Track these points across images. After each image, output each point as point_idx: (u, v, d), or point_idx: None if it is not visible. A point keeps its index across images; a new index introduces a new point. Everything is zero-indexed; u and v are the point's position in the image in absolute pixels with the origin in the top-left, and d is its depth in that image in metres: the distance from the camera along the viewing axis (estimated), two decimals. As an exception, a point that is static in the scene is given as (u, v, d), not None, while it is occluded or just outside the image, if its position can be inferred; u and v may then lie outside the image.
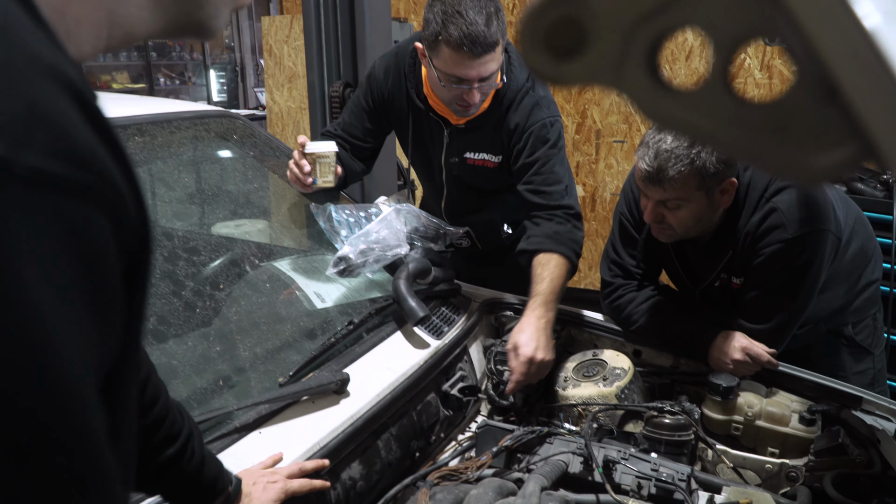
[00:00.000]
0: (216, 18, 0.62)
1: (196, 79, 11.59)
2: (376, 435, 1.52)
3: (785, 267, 1.77)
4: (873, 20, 0.26)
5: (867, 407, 1.78)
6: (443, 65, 1.91)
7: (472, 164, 2.22)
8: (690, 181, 1.70)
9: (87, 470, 0.44)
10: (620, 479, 1.54)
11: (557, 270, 1.97)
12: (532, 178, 2.10)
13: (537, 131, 2.08)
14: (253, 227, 2.04)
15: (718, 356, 1.84)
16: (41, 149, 0.39)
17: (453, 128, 2.16)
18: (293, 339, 1.65)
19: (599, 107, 4.42)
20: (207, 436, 1.29)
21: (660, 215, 1.80)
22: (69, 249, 0.41)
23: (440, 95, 2.05)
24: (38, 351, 0.40)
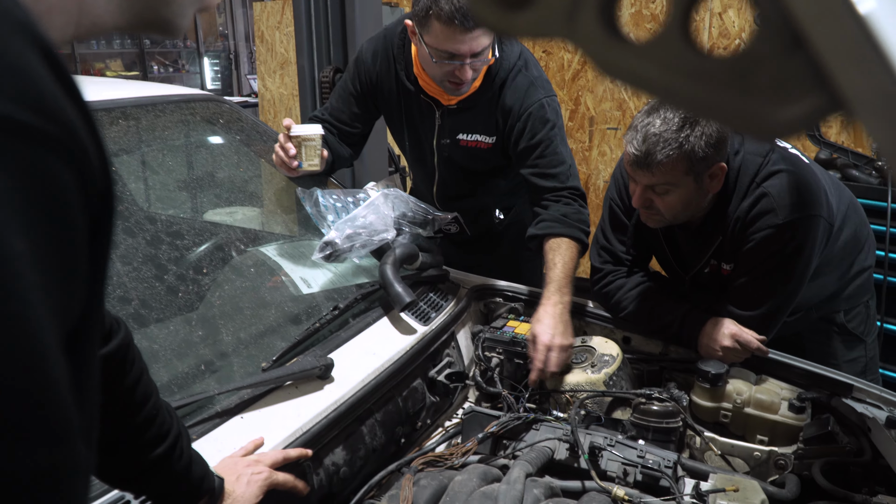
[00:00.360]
0: (181, 17, 0.64)
1: (190, 66, 11.53)
2: (360, 420, 1.50)
3: (775, 253, 1.75)
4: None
5: (858, 395, 1.77)
6: (434, 40, 1.89)
7: (465, 146, 2.19)
8: (679, 166, 1.68)
9: (49, 420, 0.43)
10: (606, 465, 1.53)
11: (569, 253, 1.99)
12: (536, 161, 2.09)
13: (536, 112, 2.06)
14: (246, 215, 2.01)
15: (708, 343, 1.83)
16: (9, 97, 0.39)
17: (445, 109, 2.14)
18: (278, 324, 1.63)
19: (593, 94, 4.40)
20: (188, 420, 1.27)
21: (648, 200, 1.78)
22: (36, 199, 0.41)
23: (431, 74, 2.02)
24: (1, 294, 0.39)
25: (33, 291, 0.41)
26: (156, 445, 0.99)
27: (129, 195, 1.64)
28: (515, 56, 2.08)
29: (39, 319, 0.41)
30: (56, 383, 0.43)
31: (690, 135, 1.65)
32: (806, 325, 2.11)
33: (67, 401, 0.44)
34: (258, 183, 2.06)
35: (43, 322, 0.41)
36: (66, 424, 0.44)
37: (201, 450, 1.15)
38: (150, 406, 0.97)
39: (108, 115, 1.74)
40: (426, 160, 2.32)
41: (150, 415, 0.97)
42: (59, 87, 0.43)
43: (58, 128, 0.42)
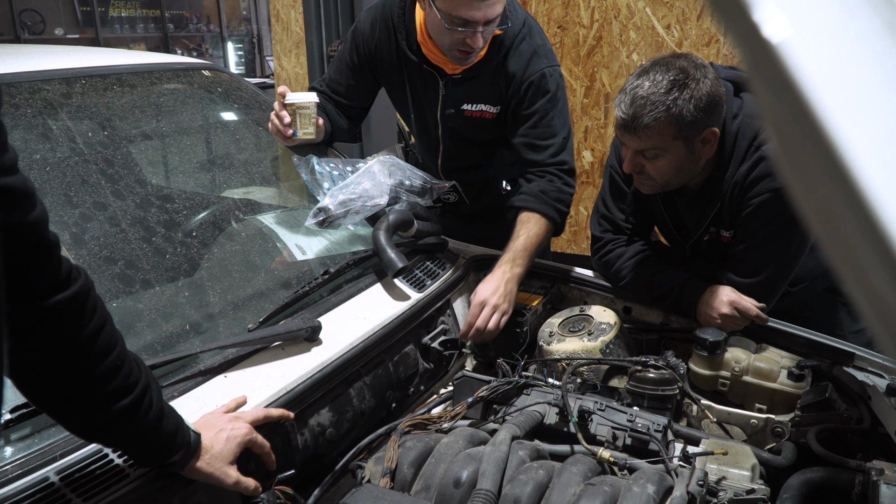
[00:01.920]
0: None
1: (213, 51, 11.61)
2: (348, 383, 1.51)
3: (774, 218, 1.72)
4: None
5: (860, 363, 1.74)
6: (448, 6, 1.86)
7: (469, 116, 2.17)
8: (667, 130, 1.65)
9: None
10: (596, 430, 1.52)
11: (535, 228, 1.98)
12: (528, 130, 2.06)
13: (537, 81, 2.04)
14: (253, 193, 2.01)
15: (706, 311, 1.80)
16: None
17: (449, 78, 2.11)
18: (268, 288, 1.63)
19: (608, 70, 4.33)
20: (170, 378, 1.28)
21: (639, 165, 1.75)
22: None
23: (440, 41, 2.00)
24: None
25: None
26: (121, 397, 0.98)
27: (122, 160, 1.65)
28: (520, 23, 2.05)
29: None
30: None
31: (679, 98, 1.62)
32: (811, 295, 2.06)
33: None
34: (255, 153, 2.06)
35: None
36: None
37: (183, 407, 1.16)
38: (114, 357, 0.97)
39: (104, 82, 1.75)
40: (430, 132, 2.29)
41: (114, 366, 0.97)
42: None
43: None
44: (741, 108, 1.76)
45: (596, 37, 4.35)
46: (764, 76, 0.32)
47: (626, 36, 4.23)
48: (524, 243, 1.95)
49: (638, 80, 1.66)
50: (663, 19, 4.10)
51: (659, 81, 1.63)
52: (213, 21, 11.62)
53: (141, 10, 10.34)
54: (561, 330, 1.90)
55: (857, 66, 0.31)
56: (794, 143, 0.32)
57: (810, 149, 0.31)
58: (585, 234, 4.69)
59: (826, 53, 0.31)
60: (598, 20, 4.31)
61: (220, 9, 11.45)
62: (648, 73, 1.66)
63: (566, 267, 2.13)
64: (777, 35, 0.31)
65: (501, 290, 1.85)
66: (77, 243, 1.39)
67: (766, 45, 0.31)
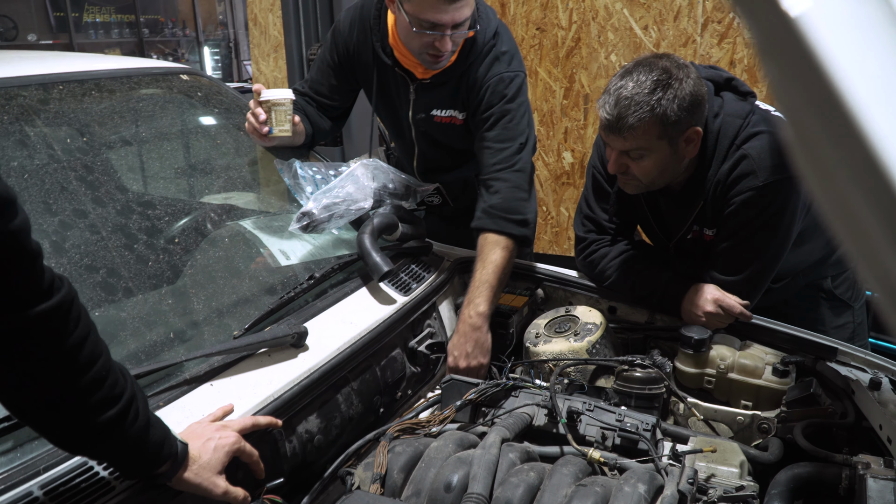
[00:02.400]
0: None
1: (189, 55, 11.51)
2: (336, 389, 1.49)
3: (756, 215, 1.73)
4: None
5: (842, 358, 1.75)
6: (416, 9, 1.84)
7: (439, 122, 2.15)
8: (651, 130, 1.66)
9: None
10: (585, 430, 1.52)
11: (493, 254, 1.92)
12: (484, 133, 2.03)
13: (494, 85, 2.01)
14: (235, 198, 1.99)
15: (691, 309, 1.81)
16: None
17: (419, 83, 2.10)
18: (253, 294, 1.62)
19: (587, 71, 4.35)
20: (156, 387, 1.26)
21: (624, 166, 1.76)
22: None
23: (409, 45, 1.98)
24: None
25: None
26: (106, 408, 0.97)
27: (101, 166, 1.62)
28: (491, 32, 2.04)
29: None
30: None
31: (662, 98, 1.63)
32: (793, 291, 2.08)
33: None
34: (237, 157, 2.04)
35: None
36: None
37: (169, 417, 1.14)
38: (99, 367, 0.95)
39: (82, 87, 1.73)
40: (405, 134, 2.28)
41: (99, 376, 0.95)
42: None
43: None
44: (722, 107, 1.77)
45: (574, 38, 4.37)
46: (780, 52, 0.31)
47: (605, 37, 4.26)
48: (482, 276, 1.89)
49: (621, 80, 1.67)
50: (641, 20, 4.13)
51: (643, 82, 1.64)
52: (189, 25, 11.53)
53: (116, 15, 10.23)
54: (547, 331, 1.90)
55: (879, 41, 0.30)
56: (810, 123, 0.31)
57: (829, 128, 0.30)
58: (567, 234, 4.71)
59: (849, 27, 0.30)
60: (576, 22, 4.33)
61: (195, 13, 11.37)
62: (632, 73, 1.67)
63: (550, 268, 2.13)
64: (796, 7, 0.30)
65: (469, 348, 1.83)
66: (57, 252, 1.36)
67: (784, 18, 0.30)
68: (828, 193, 0.33)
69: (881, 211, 0.29)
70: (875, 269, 0.32)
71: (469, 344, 1.84)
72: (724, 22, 3.92)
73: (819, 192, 0.33)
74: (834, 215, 0.33)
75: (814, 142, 0.31)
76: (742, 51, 3.91)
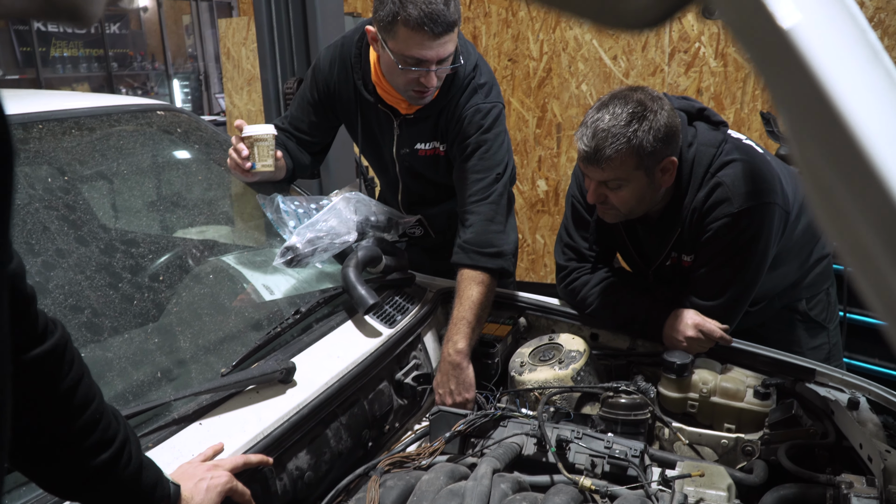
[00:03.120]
0: (92, 5, 0.62)
1: (159, 88, 11.49)
2: (325, 424, 1.49)
3: (732, 241, 1.77)
4: None
5: (821, 379, 1.79)
6: (401, 46, 1.85)
7: (423, 156, 2.17)
8: (628, 160, 1.70)
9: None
10: (574, 458, 1.53)
11: (470, 290, 1.94)
12: (462, 164, 2.05)
13: (471, 116, 2.03)
14: (217, 234, 1.98)
15: (672, 334, 1.84)
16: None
17: (403, 118, 2.12)
18: (238, 331, 1.61)
19: (559, 100, 4.43)
20: (144, 428, 1.25)
21: (602, 196, 1.80)
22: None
23: (394, 82, 1.99)
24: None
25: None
26: (100, 452, 0.96)
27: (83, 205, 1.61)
28: (471, 66, 2.07)
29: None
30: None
31: (638, 129, 1.68)
32: (769, 314, 2.13)
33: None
34: (219, 192, 2.04)
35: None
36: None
37: (158, 457, 1.13)
38: (92, 410, 0.94)
39: (61, 126, 1.72)
40: (388, 169, 2.30)
41: (92, 419, 0.94)
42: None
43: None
44: (695, 136, 1.82)
45: (546, 69, 4.45)
46: (776, 65, 0.32)
47: (575, 67, 4.34)
48: (460, 313, 1.91)
49: (598, 113, 1.71)
50: (610, 50, 4.23)
51: (619, 114, 1.68)
52: (159, 59, 11.51)
53: (84, 50, 10.18)
54: (532, 359, 1.91)
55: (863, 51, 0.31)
56: (812, 129, 0.32)
57: (827, 133, 0.31)
58: (543, 261, 4.75)
59: (836, 37, 0.31)
60: (547, 52, 4.41)
61: (164, 46, 11.36)
62: (608, 106, 1.71)
63: (532, 296, 2.15)
64: (788, 20, 0.31)
65: (453, 385, 1.86)
66: (41, 292, 1.35)
67: (779, 31, 0.31)
68: (827, 202, 0.34)
69: (877, 216, 0.31)
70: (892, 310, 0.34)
71: (452, 382, 1.86)
72: (690, 52, 4.02)
73: (816, 198, 0.34)
74: (854, 265, 0.34)
75: (813, 143, 0.32)
76: (709, 79, 4.01)
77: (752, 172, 1.77)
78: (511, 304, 2.14)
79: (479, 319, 1.94)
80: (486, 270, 1.97)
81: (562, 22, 4.32)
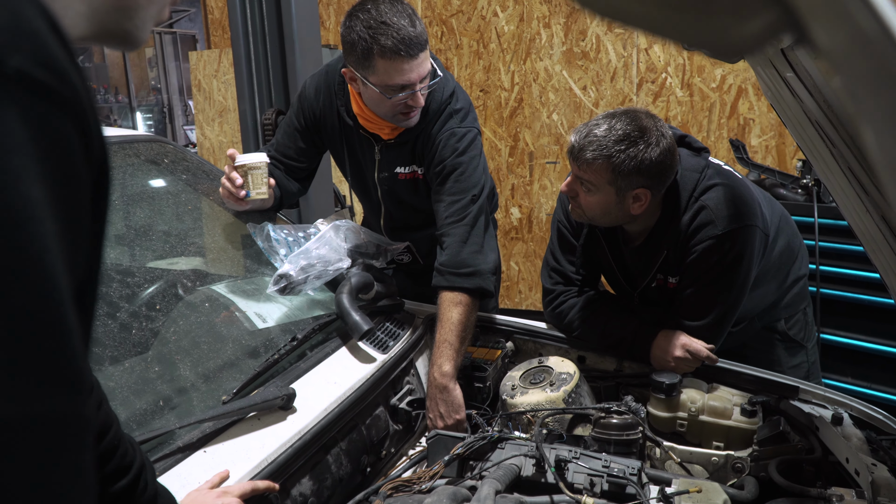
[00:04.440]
0: (142, 30, 0.67)
1: (122, 121, 11.40)
2: (326, 450, 1.49)
3: (717, 262, 1.83)
4: None
5: (804, 396, 1.84)
6: (383, 78, 1.89)
7: (403, 179, 2.21)
8: (602, 173, 1.77)
9: (67, 367, 0.43)
10: (573, 478, 1.54)
11: (451, 311, 1.95)
12: (437, 187, 2.09)
13: (445, 140, 2.07)
14: (188, 265, 1.97)
15: (660, 355, 1.88)
16: (28, 56, 0.41)
17: (384, 143, 2.16)
18: (235, 358, 1.61)
19: (531, 129, 4.52)
20: (150, 456, 1.23)
21: (574, 191, 1.87)
22: (49, 151, 0.43)
23: (381, 112, 2.03)
24: (25, 240, 0.40)
25: (50, 238, 0.41)
26: (118, 479, 0.95)
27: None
28: (448, 92, 2.12)
29: (57, 266, 0.42)
30: (71, 332, 0.43)
31: (623, 152, 1.73)
32: (750, 334, 2.18)
33: (81, 353, 0.44)
34: (206, 222, 2.04)
35: (59, 269, 0.42)
36: (81, 376, 0.44)
37: (166, 486, 1.12)
38: (111, 437, 0.94)
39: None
40: (371, 194, 2.33)
41: (111, 446, 0.94)
42: (65, 55, 0.45)
43: (67, 90, 0.44)
44: (679, 162, 1.88)
45: (517, 99, 4.54)
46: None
47: (546, 97, 4.44)
48: (442, 336, 1.93)
49: (602, 120, 1.78)
50: (579, 81, 4.33)
51: (616, 130, 1.74)
52: (122, 91, 11.44)
53: (46, 83, 10.06)
54: (523, 382, 1.94)
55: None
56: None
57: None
58: (518, 288, 4.79)
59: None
60: (518, 83, 4.51)
61: (128, 79, 11.30)
62: (614, 118, 1.77)
63: (519, 320, 2.18)
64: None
65: (443, 409, 1.87)
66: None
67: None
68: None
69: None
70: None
71: (441, 406, 1.87)
72: (657, 82, 4.14)
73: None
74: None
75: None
76: (675, 108, 4.13)
77: (733, 196, 1.83)
78: (498, 328, 2.17)
79: (463, 340, 1.94)
80: (465, 291, 1.98)
81: (532, 53, 4.42)
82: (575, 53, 4.28)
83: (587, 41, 4.23)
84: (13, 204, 0.39)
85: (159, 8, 0.67)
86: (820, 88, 1.27)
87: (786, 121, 1.64)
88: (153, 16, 0.68)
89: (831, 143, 1.36)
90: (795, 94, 1.39)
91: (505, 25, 4.47)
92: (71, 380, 0.43)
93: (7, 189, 0.39)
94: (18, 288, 0.40)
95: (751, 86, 3.89)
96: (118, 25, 0.64)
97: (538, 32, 4.37)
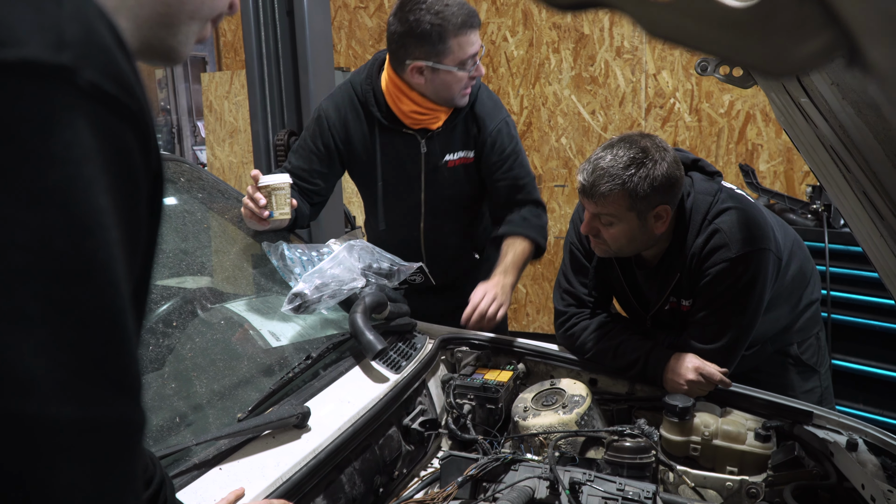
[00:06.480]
0: (185, 45, 0.70)
1: (132, 142, 11.47)
2: (339, 469, 1.48)
3: (731, 285, 1.83)
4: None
5: (818, 421, 1.83)
6: (458, 54, 2.03)
7: (452, 167, 2.30)
8: (621, 201, 1.78)
9: (127, 372, 0.44)
10: (587, 501, 1.53)
11: (520, 248, 2.21)
12: (505, 175, 2.28)
13: (504, 129, 2.26)
14: (195, 284, 1.98)
15: (673, 378, 1.88)
16: (99, 69, 0.43)
17: (430, 135, 2.24)
18: (250, 376, 1.61)
19: (539, 153, 4.54)
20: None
21: (595, 229, 1.87)
22: (115, 163, 0.44)
23: (452, 93, 2.14)
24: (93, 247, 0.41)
25: (115, 246, 0.42)
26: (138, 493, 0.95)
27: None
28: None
29: (120, 273, 0.43)
30: (131, 339, 0.44)
31: (634, 175, 1.75)
32: (763, 358, 2.18)
33: (137, 358, 0.45)
34: (224, 240, 2.05)
35: (122, 276, 0.43)
36: (138, 383, 0.45)
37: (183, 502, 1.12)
38: None
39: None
40: (410, 196, 2.37)
41: None
42: (130, 70, 0.47)
43: (133, 103, 0.46)
44: (692, 185, 1.90)
45: (526, 122, 4.57)
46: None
47: (555, 121, 4.47)
48: (512, 259, 2.18)
49: (602, 152, 1.79)
50: (588, 105, 4.36)
51: (620, 157, 1.76)
52: (132, 113, 11.52)
53: (58, 103, 10.15)
54: (535, 404, 1.93)
55: None
56: None
57: None
58: (525, 311, 4.79)
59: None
60: (527, 107, 4.54)
61: (139, 100, 11.39)
62: (613, 147, 1.79)
63: (530, 342, 2.18)
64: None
65: (498, 290, 2.08)
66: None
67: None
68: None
69: None
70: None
71: (499, 287, 2.13)
72: (665, 107, 4.17)
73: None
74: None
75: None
76: (684, 133, 4.16)
77: (747, 220, 1.84)
78: (509, 349, 2.16)
79: (520, 273, 2.23)
80: (533, 241, 2.26)
81: (541, 78, 4.46)
82: (584, 78, 4.32)
83: (596, 66, 4.26)
84: (84, 212, 0.41)
85: (201, 25, 0.69)
86: (835, 113, 1.28)
87: (799, 146, 1.65)
88: (195, 32, 0.70)
89: (846, 167, 1.37)
90: (809, 119, 1.40)
91: (514, 50, 4.51)
92: (130, 385, 0.44)
93: (79, 197, 0.40)
94: (86, 293, 0.41)
95: (759, 111, 3.91)
96: (162, 42, 0.66)
97: (547, 57, 4.42)
